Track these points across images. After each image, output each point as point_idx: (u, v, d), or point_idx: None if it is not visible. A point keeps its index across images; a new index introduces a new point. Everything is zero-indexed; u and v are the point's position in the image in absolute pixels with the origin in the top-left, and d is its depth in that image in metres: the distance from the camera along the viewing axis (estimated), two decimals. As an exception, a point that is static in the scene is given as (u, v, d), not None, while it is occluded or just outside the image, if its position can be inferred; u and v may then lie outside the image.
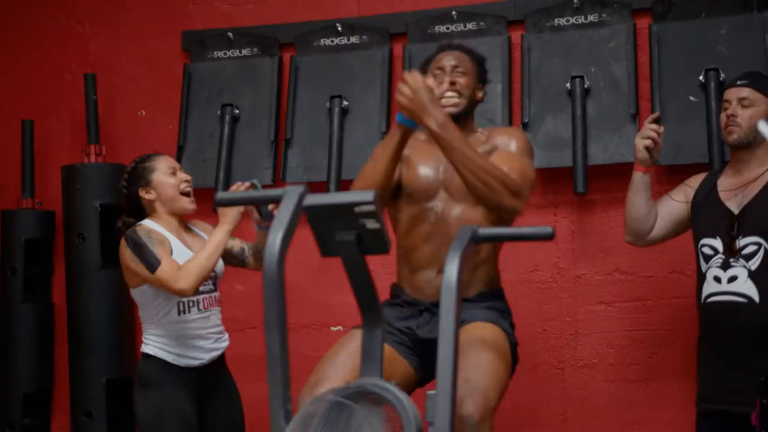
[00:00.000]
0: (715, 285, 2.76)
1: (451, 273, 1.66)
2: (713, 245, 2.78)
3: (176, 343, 2.84)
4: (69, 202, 3.84)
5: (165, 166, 2.93)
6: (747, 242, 2.71)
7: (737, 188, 2.80)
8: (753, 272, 2.69)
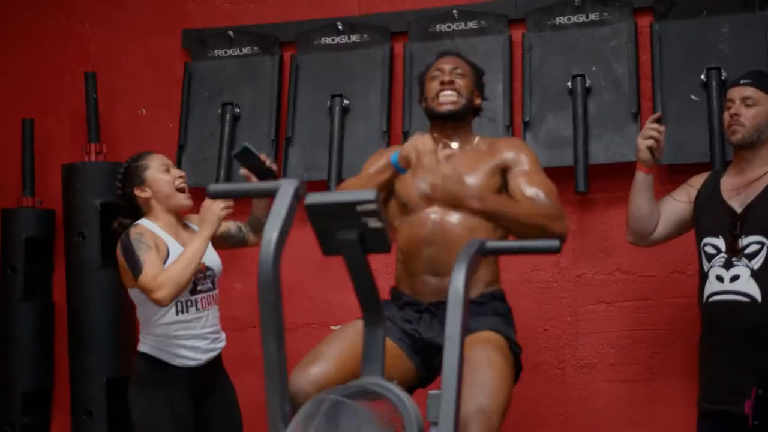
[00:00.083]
0: (718, 284, 2.75)
1: (458, 281, 1.65)
2: (716, 244, 2.77)
3: (173, 343, 2.84)
4: (69, 201, 3.83)
5: (158, 164, 2.93)
6: (750, 241, 2.71)
7: (740, 187, 2.80)
8: (756, 271, 2.68)
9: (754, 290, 2.68)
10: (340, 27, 3.83)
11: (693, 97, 3.41)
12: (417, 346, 2.60)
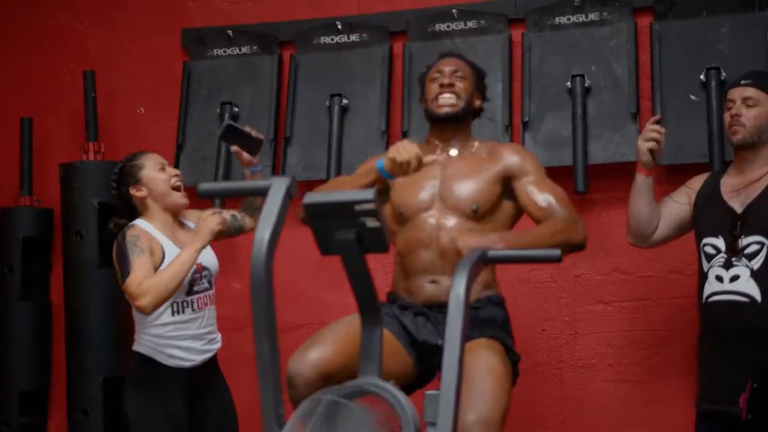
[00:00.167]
0: (717, 284, 2.74)
1: (460, 288, 1.65)
2: (715, 244, 2.77)
3: (168, 344, 2.83)
4: (67, 200, 3.82)
5: (153, 163, 2.93)
6: (750, 241, 2.70)
7: (740, 188, 2.79)
8: (755, 271, 2.68)
9: (754, 290, 2.68)
10: (340, 26, 3.83)
11: (692, 97, 3.41)
12: (413, 344, 2.63)
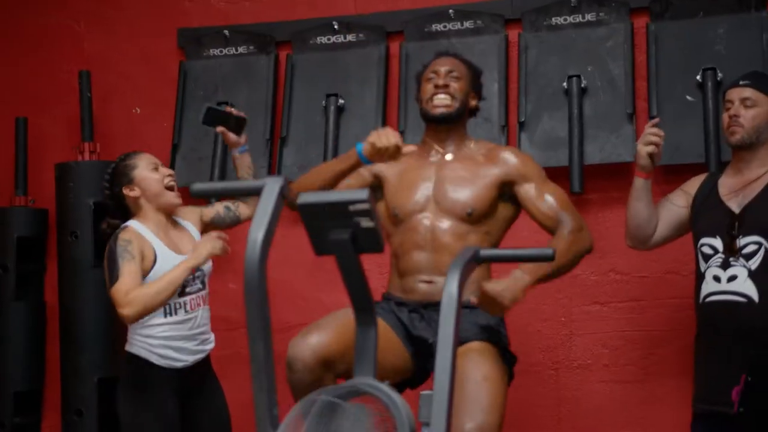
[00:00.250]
0: (715, 284, 2.74)
1: (452, 287, 1.65)
2: (713, 244, 2.76)
3: (160, 344, 2.82)
4: (62, 200, 3.81)
5: (146, 163, 2.92)
6: (747, 241, 2.70)
7: (738, 188, 2.79)
8: (753, 272, 2.67)
9: (752, 290, 2.67)
10: (336, 26, 3.82)
11: (689, 98, 3.41)
12: (411, 337, 2.64)
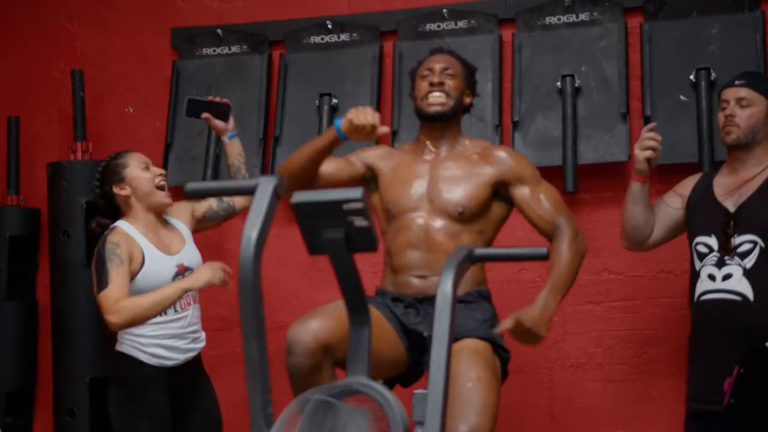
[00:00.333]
0: (710, 283, 2.74)
1: (447, 285, 1.65)
2: (708, 243, 2.77)
3: (151, 343, 2.82)
4: (55, 200, 3.80)
5: (137, 162, 2.92)
6: (742, 240, 2.71)
7: (734, 188, 2.80)
8: (748, 270, 2.68)
9: (747, 289, 2.68)
10: (330, 26, 3.82)
11: (682, 98, 3.41)
12: (406, 330, 2.65)
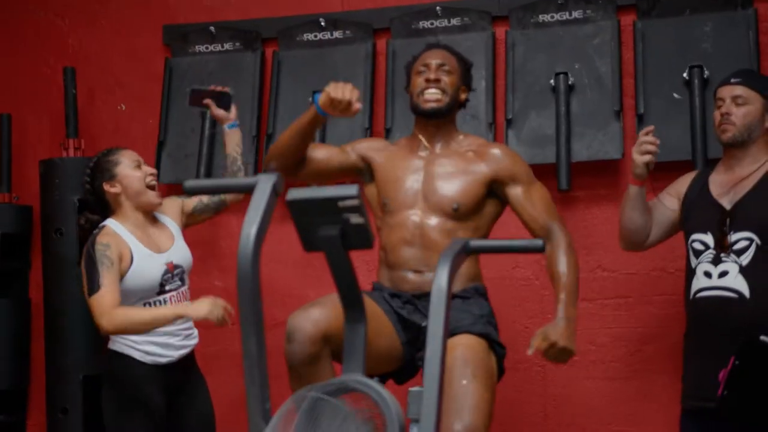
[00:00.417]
0: (706, 280, 2.75)
1: (442, 280, 1.65)
2: (704, 240, 2.77)
3: (144, 341, 2.82)
4: (47, 197, 3.78)
5: (129, 160, 2.91)
6: (739, 237, 2.71)
7: (730, 185, 2.81)
8: (744, 267, 2.69)
9: (743, 286, 2.68)
10: (323, 23, 3.81)
11: (675, 96, 3.41)
12: (404, 321, 2.65)
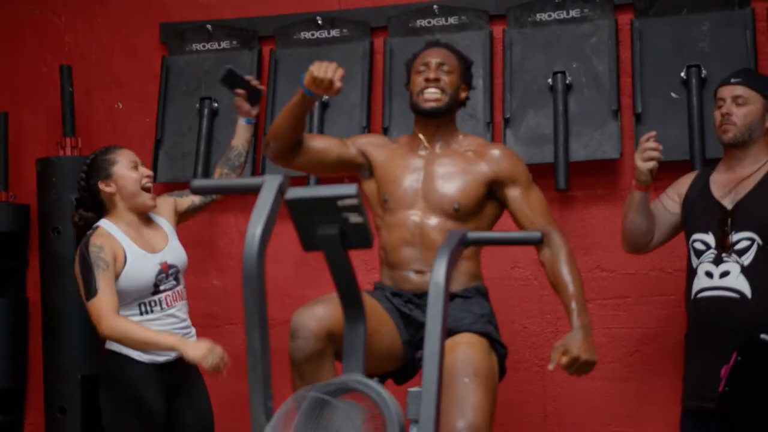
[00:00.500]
0: (707, 280, 2.75)
1: (439, 275, 1.65)
2: (705, 240, 2.77)
3: None
4: (44, 196, 3.78)
5: (126, 160, 2.89)
6: (740, 237, 2.71)
7: (731, 185, 2.81)
8: (745, 267, 2.69)
9: (744, 286, 2.68)
10: (320, 21, 3.81)
11: (673, 95, 3.41)
12: (406, 318, 2.65)
